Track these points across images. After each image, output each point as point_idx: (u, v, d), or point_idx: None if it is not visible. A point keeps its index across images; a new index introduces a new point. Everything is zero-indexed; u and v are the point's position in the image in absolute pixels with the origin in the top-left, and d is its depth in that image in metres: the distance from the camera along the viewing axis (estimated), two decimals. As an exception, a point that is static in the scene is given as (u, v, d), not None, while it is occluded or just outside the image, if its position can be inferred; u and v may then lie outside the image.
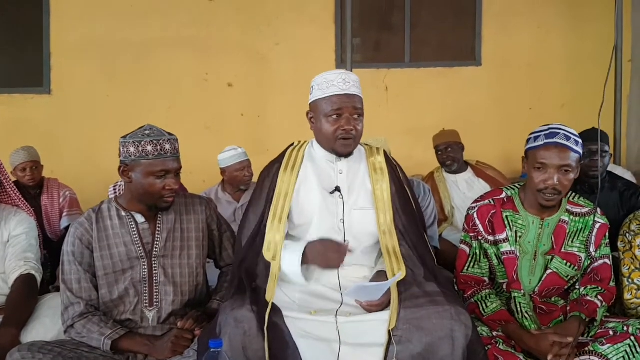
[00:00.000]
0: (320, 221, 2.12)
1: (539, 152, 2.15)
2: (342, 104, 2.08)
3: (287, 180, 2.16)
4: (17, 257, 2.39)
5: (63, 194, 4.05)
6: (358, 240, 2.13)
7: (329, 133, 2.10)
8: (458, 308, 1.89)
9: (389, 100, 5.55)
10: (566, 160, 2.12)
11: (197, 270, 2.25)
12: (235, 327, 1.82)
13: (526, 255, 2.26)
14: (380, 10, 5.78)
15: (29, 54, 5.52)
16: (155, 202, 2.15)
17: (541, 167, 2.14)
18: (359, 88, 2.14)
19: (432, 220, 3.21)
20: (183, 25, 5.47)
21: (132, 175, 2.12)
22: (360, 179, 2.19)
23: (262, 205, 2.17)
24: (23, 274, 2.35)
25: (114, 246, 2.17)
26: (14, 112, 5.43)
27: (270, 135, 5.30)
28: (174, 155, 2.13)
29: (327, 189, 2.14)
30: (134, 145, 2.09)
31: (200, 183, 4.62)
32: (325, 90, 2.10)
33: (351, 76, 2.14)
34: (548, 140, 2.14)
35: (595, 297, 2.22)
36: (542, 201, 2.18)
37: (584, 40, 5.49)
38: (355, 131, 2.09)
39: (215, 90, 5.52)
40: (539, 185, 2.15)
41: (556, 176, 2.12)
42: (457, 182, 3.98)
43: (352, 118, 2.09)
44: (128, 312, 2.15)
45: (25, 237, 2.44)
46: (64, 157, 5.17)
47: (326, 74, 2.14)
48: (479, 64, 5.66)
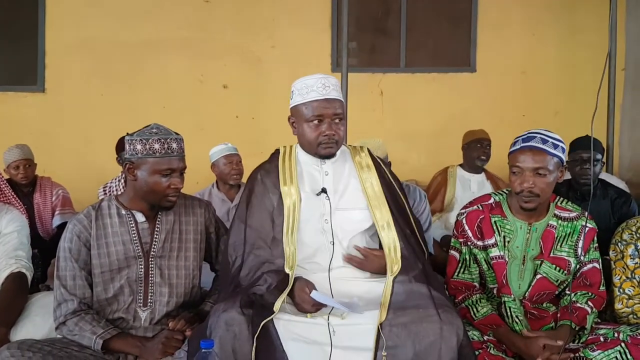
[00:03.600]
0: (306, 222, 2.12)
1: (515, 156, 2.19)
2: (322, 110, 2.09)
3: (289, 192, 2.14)
4: (7, 255, 2.37)
5: (56, 192, 4.04)
6: (345, 240, 2.13)
7: (311, 138, 2.12)
8: (449, 311, 1.90)
9: (384, 104, 5.56)
10: (540, 163, 2.14)
11: (194, 272, 2.25)
12: (225, 330, 1.82)
13: (515, 260, 2.27)
14: (376, 15, 5.80)
15: (24, 53, 5.50)
16: (159, 200, 2.14)
17: (517, 171, 2.18)
18: (339, 91, 2.15)
19: (427, 226, 3.24)
20: (179, 27, 5.46)
21: (137, 173, 2.12)
22: (345, 179, 2.20)
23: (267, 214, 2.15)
24: (14, 272, 2.34)
25: (111, 244, 2.16)
26: (7, 110, 5.40)
27: (265, 138, 5.27)
28: (179, 155, 2.14)
29: (314, 191, 2.16)
30: (141, 143, 2.09)
31: (194, 184, 4.58)
32: (305, 96, 2.11)
33: (330, 80, 2.13)
34: (524, 144, 2.18)
35: (585, 303, 2.23)
36: (521, 204, 2.21)
37: (578, 49, 5.52)
38: (337, 135, 2.11)
39: (210, 91, 5.52)
40: (516, 188, 2.19)
41: (531, 179, 2.15)
42: (470, 181, 4.04)
43: (333, 122, 2.11)
44: (121, 311, 2.15)
45: (16, 235, 2.43)
46: (58, 156, 5.15)
47: (305, 78, 2.14)
48: (473, 70, 5.69)
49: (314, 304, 1.93)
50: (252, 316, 1.85)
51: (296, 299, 1.96)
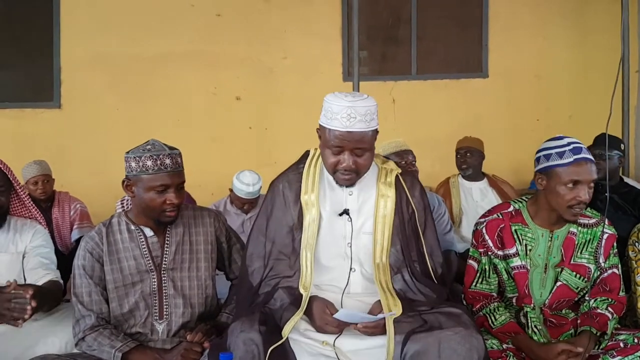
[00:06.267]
0: (327, 245, 2.06)
1: (571, 169, 2.11)
2: (342, 142, 1.95)
3: (309, 204, 2.07)
4: (43, 267, 2.39)
5: (74, 206, 4.09)
6: (365, 266, 2.07)
7: (328, 164, 2.03)
8: (470, 330, 1.85)
9: (396, 112, 5.56)
10: (595, 174, 2.13)
11: (206, 282, 2.26)
12: (244, 351, 1.82)
13: (537, 268, 2.24)
14: (387, 23, 5.81)
15: (39, 69, 5.58)
16: (158, 216, 2.16)
17: (575, 184, 2.11)
18: (368, 120, 1.95)
19: (448, 228, 3.27)
20: (191, 40, 5.52)
21: (134, 190, 2.15)
22: (370, 202, 2.10)
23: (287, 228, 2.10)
24: (52, 280, 2.36)
25: (123, 259, 2.19)
26: (24, 126, 5.48)
27: (278, 148, 5.33)
28: (175, 170, 2.13)
29: (337, 211, 2.07)
30: (134, 161, 2.11)
31: (209, 196, 4.64)
32: (330, 121, 1.96)
33: (358, 109, 1.92)
34: (577, 156, 2.12)
35: (606, 309, 2.21)
36: (569, 217, 2.16)
37: (591, 51, 5.49)
38: (356, 166, 1.99)
39: (223, 103, 5.55)
40: (571, 201, 2.12)
41: (587, 191, 2.12)
42: (472, 190, 4.01)
43: (354, 154, 1.97)
44: (138, 325, 2.17)
45: (44, 248, 2.47)
46: (75, 171, 5.21)
47: (333, 101, 1.96)
48: (485, 76, 5.67)
49: (337, 325, 1.88)
50: (264, 334, 1.83)
51: (317, 322, 1.91)
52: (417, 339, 1.81)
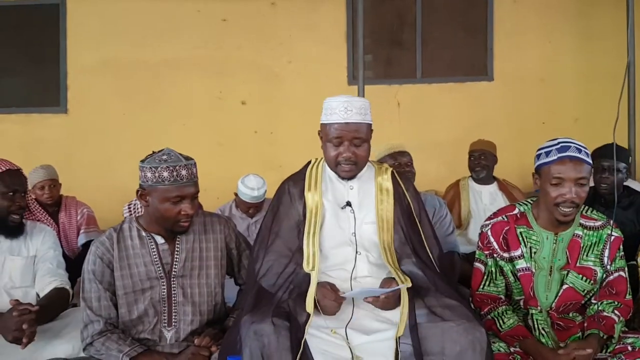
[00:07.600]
0: (331, 233, 2.17)
1: (554, 167, 2.14)
2: (341, 133, 2.15)
3: (311, 197, 2.22)
4: (50, 273, 2.43)
5: (81, 211, 4.10)
6: (370, 252, 2.18)
7: (330, 158, 2.21)
8: (473, 323, 1.91)
9: (401, 116, 5.56)
10: (581, 172, 2.12)
11: (216, 289, 2.27)
12: (255, 340, 1.85)
13: (542, 271, 2.24)
14: (391, 27, 5.81)
15: (46, 74, 5.62)
16: (171, 226, 2.17)
17: (558, 182, 2.13)
18: (363, 114, 2.17)
19: (451, 230, 3.27)
20: (196, 45, 5.55)
21: (149, 199, 2.15)
22: (370, 196, 2.25)
23: (293, 222, 2.21)
24: (57, 287, 2.40)
25: (134, 266, 2.19)
26: (31, 131, 5.51)
27: (283, 152, 5.34)
28: (190, 181, 2.15)
29: (339, 204, 2.21)
30: (150, 171, 2.11)
31: (214, 200, 4.65)
32: (329, 117, 2.18)
33: (354, 103, 2.17)
34: (561, 154, 2.14)
35: (612, 312, 2.20)
36: (559, 216, 2.16)
37: (596, 56, 5.47)
38: (355, 157, 2.17)
39: (229, 108, 5.58)
40: (557, 199, 2.14)
41: (573, 189, 2.12)
42: (482, 193, 4.01)
43: (353, 145, 2.16)
44: (147, 332, 2.18)
45: (53, 252, 2.50)
46: (81, 175, 5.23)
47: (331, 99, 2.19)
48: (491, 79, 5.66)
49: (335, 299, 1.97)
50: (290, 329, 1.88)
51: (321, 302, 1.99)
52: (422, 329, 1.92)
